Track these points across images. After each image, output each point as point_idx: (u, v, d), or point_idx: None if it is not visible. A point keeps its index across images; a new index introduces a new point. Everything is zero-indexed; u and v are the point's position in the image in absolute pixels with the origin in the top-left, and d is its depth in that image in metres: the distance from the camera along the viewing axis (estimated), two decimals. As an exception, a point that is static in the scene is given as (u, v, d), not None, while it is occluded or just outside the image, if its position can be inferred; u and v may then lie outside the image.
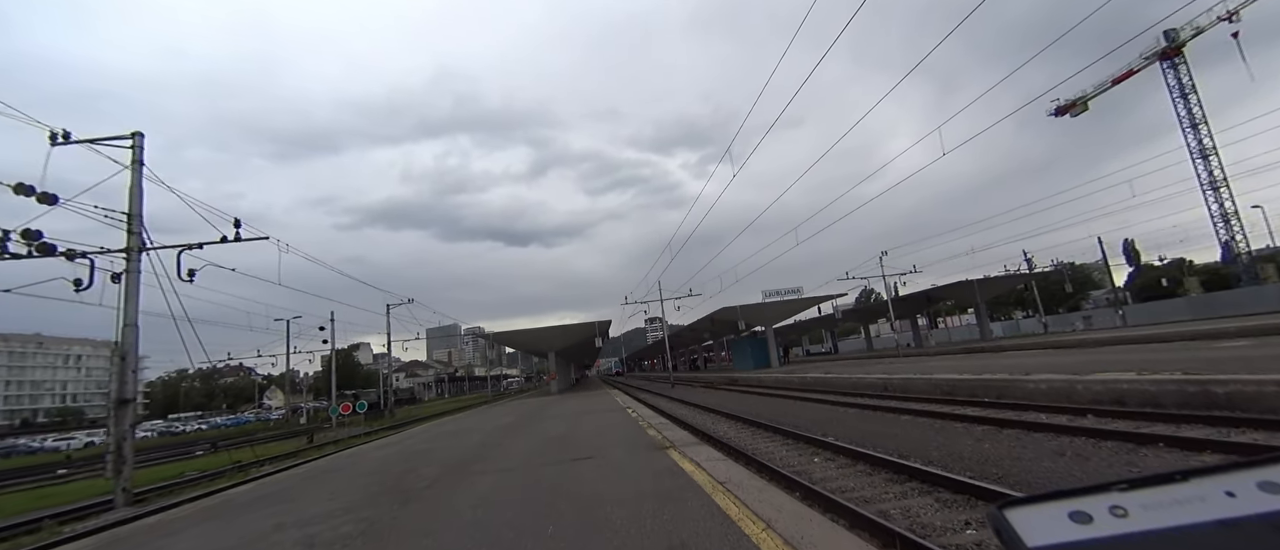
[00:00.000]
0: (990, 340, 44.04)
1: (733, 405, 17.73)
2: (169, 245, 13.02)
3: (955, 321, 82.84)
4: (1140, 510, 0.46)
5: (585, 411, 16.82)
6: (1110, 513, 0.47)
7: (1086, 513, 0.47)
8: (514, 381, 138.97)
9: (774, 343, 38.19)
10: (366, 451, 13.63)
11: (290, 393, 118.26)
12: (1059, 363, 15.79)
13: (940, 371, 16.88)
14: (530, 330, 34.37)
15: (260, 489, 9.54)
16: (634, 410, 15.34)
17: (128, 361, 12.27)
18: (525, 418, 17.29)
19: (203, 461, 21.07)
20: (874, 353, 50.85)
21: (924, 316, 54.42)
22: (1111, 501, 0.47)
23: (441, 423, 22.88)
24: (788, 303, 36.34)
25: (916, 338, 48.21)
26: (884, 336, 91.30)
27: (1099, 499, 0.48)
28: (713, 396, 23.85)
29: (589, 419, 13.92)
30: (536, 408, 21.98)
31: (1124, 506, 0.47)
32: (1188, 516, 0.44)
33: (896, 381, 16.71)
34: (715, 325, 41.23)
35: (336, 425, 35.94)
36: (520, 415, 18.62)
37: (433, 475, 7.92)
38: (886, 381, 17.19)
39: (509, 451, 9.62)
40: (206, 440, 45.44)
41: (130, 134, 13.02)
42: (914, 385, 15.88)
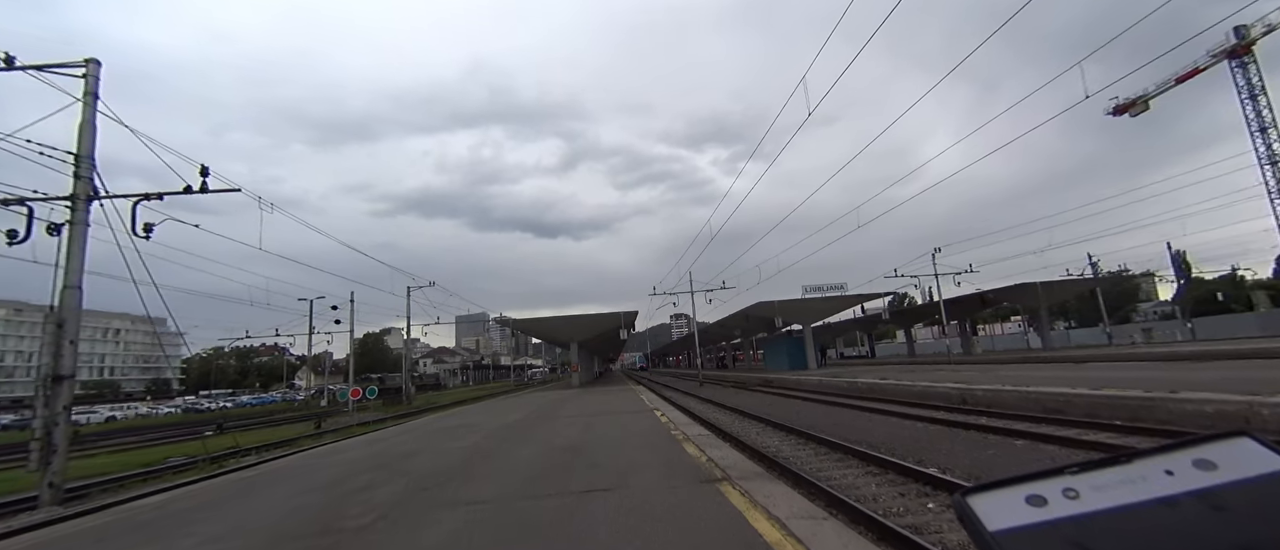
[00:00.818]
0: (1054, 349, 39.97)
1: (780, 412, 15.04)
2: (124, 195, 11.08)
3: (996, 329, 77.65)
4: (1090, 491, 0.49)
5: (606, 411, 14.43)
6: (1063, 495, 0.49)
7: (1042, 496, 0.49)
8: (538, 372, 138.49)
9: (812, 343, 35.15)
10: (348, 448, 11.50)
11: (320, 374, 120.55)
12: (1173, 378, 12.61)
13: (1018, 383, 13.85)
14: (553, 318, 32.23)
15: (193, 496, 7.44)
16: (662, 412, 12.86)
17: (65, 330, 10.34)
18: (538, 414, 14.99)
19: (195, 446, 19.53)
20: (917, 358, 47.16)
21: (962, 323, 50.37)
22: (1064, 484, 0.50)
23: (451, 413, 20.85)
24: (830, 300, 33.26)
25: (965, 343, 44.34)
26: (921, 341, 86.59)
27: (1053, 482, 0.50)
28: (750, 399, 21.16)
29: (610, 421, 11.51)
30: (553, 402, 19.72)
31: (1075, 488, 0.49)
32: (1132, 495, 0.47)
33: (979, 393, 13.75)
34: (748, 322, 38.40)
35: (355, 409, 34.63)
36: (533, 410, 16.35)
37: (385, 501, 5.57)
38: (964, 392, 14.23)
39: (502, 465, 7.21)
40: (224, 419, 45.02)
41: (83, 61, 11.09)
42: (1004, 399, 12.95)
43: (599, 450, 7.74)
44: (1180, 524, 0.45)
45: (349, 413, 33.11)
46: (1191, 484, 0.47)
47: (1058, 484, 0.50)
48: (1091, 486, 0.49)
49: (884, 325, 58.96)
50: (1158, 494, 0.47)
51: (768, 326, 42.34)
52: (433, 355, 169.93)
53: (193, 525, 5.36)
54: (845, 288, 32.77)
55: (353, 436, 16.83)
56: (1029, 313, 63.36)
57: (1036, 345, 56.86)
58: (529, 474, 6.42)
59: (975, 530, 0.48)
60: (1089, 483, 0.50)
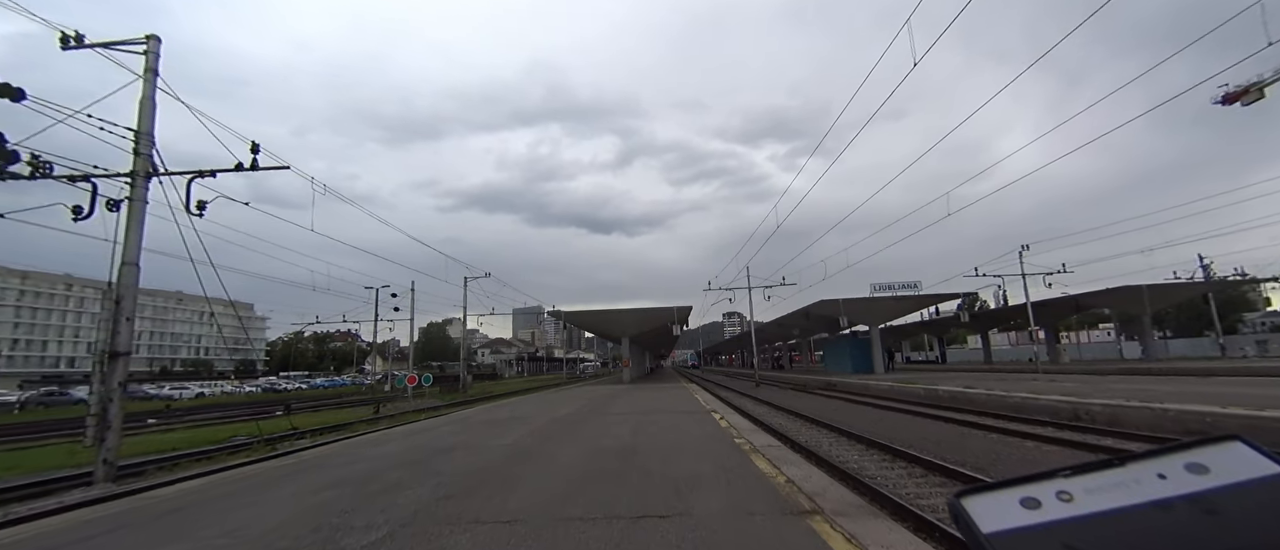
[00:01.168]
0: (1159, 359, 35.35)
1: (853, 421, 13.45)
2: (181, 172, 11.05)
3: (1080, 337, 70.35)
4: (1083, 494, 0.49)
5: (659, 409, 13.38)
6: (1057, 498, 0.49)
7: (1036, 499, 0.49)
8: (590, 366, 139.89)
9: (880, 345, 32.63)
10: (391, 439, 11.03)
11: (387, 360, 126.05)
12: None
13: (1142, 398, 11.57)
14: (605, 312, 31.52)
15: (225, 484, 7.02)
16: (721, 415, 11.65)
17: (123, 307, 10.35)
18: (587, 409, 14.16)
19: (260, 425, 20.15)
20: (996, 365, 43.16)
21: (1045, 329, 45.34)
22: (1058, 487, 0.50)
23: (502, 404, 20.48)
24: (901, 300, 30.63)
25: (1051, 351, 40.04)
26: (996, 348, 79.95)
27: (1047, 485, 0.51)
28: (815, 404, 19.48)
29: (664, 422, 10.44)
30: (604, 397, 18.90)
31: (1069, 491, 0.49)
32: (1125, 498, 0.48)
33: (1096, 409, 11.62)
34: (809, 320, 36.26)
35: (413, 396, 35.51)
36: (583, 405, 15.55)
37: (402, 511, 4.74)
38: (1077, 407, 12.09)
39: (543, 469, 6.29)
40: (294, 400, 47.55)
41: (144, 37, 11.13)
42: (1129, 417, 10.90)
43: (653, 456, 6.67)
44: (1173, 527, 0.45)
45: (408, 399, 33.95)
46: (1184, 487, 0.47)
47: (1052, 486, 0.50)
48: (1085, 489, 0.49)
49: (957, 328, 54.58)
50: (1151, 497, 0.47)
51: (830, 326, 39.96)
52: (490, 346, 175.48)
53: (198, 524, 4.74)
54: (919, 287, 30.11)
55: (406, 423, 16.68)
56: (1122, 319, 57.02)
57: (1132, 355, 50.98)
58: (571, 483, 5.44)
59: (969, 532, 0.48)
60: (1083, 485, 0.50)
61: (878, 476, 7.28)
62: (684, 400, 16.32)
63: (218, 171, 11.08)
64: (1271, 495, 0.45)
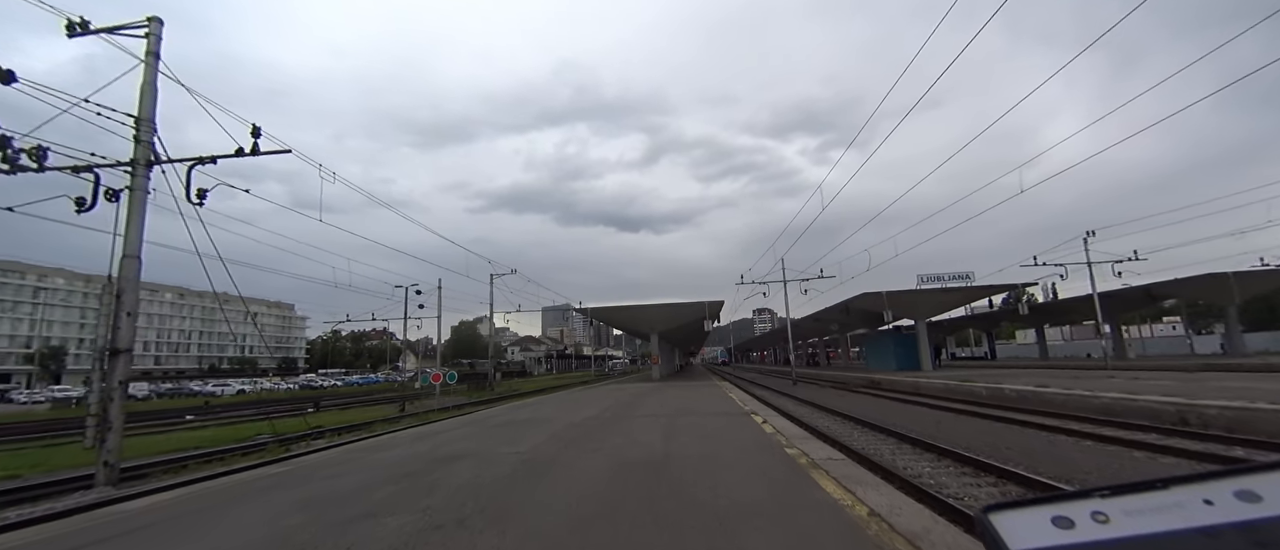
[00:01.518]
0: (1245, 354, 32.01)
1: (920, 426, 11.95)
2: (181, 159, 10.44)
3: (1143, 331, 65.47)
4: (1121, 516, 0.46)
5: (692, 410, 12.20)
6: (1092, 518, 0.47)
7: (1069, 518, 0.48)
8: (618, 363, 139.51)
9: (927, 340, 30.57)
10: (397, 442, 10.17)
11: (418, 357, 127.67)
12: None
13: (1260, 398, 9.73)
14: (633, 307, 30.40)
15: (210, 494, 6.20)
16: (762, 417, 10.38)
17: (123, 302, 9.76)
18: (613, 410, 13.08)
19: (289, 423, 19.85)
20: (1054, 362, 40.25)
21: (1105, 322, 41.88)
22: (1093, 507, 0.48)
23: (525, 404, 19.65)
24: (952, 292, 28.48)
25: (1118, 345, 36.99)
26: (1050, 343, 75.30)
27: (1081, 505, 0.48)
28: (863, 404, 17.92)
29: (699, 426, 9.26)
30: (632, 397, 17.82)
31: (1105, 512, 0.47)
32: (1167, 523, 0.45)
33: (1210, 412, 9.86)
34: (849, 315, 34.36)
35: (439, 393, 35.28)
36: (609, 405, 14.50)
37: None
38: (1182, 409, 10.33)
39: (555, 490, 5.20)
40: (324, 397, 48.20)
41: (146, 20, 10.54)
42: (1255, 422, 9.10)
43: (688, 471, 5.51)
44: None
45: (435, 396, 33.69)
46: (1233, 515, 0.44)
47: (1086, 506, 0.48)
48: (1123, 511, 0.47)
49: (1008, 323, 51.34)
50: (1196, 523, 0.44)
51: (871, 321, 37.88)
52: (520, 344, 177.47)
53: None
54: (970, 278, 27.94)
55: (427, 422, 15.99)
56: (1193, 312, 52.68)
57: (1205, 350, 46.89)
58: (586, 513, 4.32)
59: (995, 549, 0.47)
60: (1120, 507, 0.47)
61: (986, 500, 5.92)
62: (718, 400, 15.08)
63: (218, 157, 10.43)
64: None
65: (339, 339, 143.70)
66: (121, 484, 9.61)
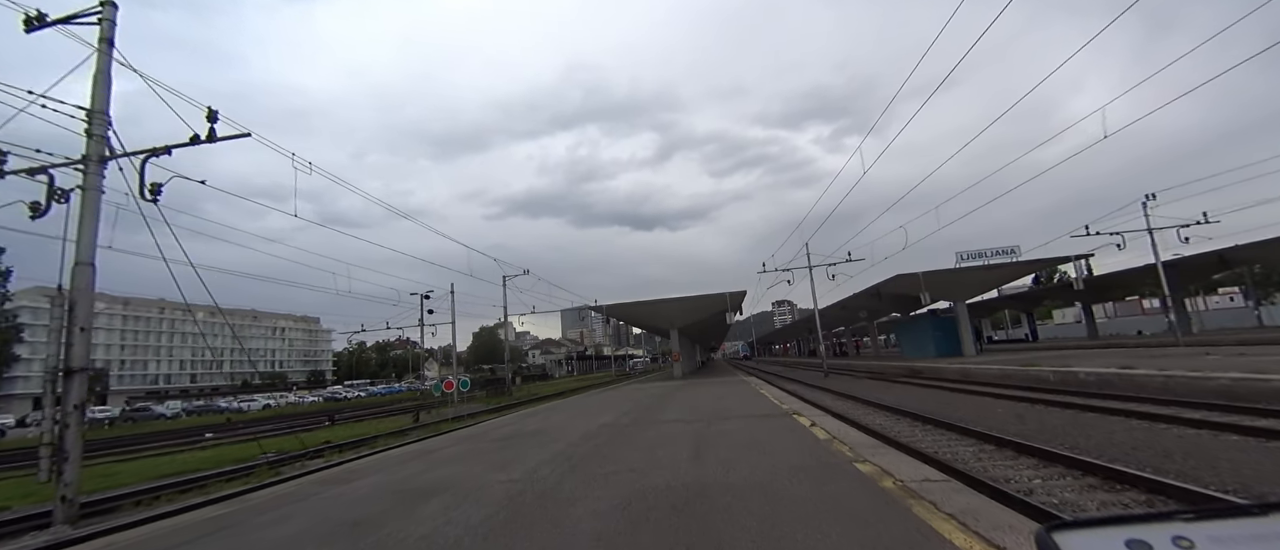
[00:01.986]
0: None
1: (995, 421, 10.25)
2: (136, 152, 9.30)
3: (1198, 304, 61.50)
4: (1208, 543, 0.42)
5: (723, 413, 10.70)
6: (1173, 544, 0.43)
7: (1146, 542, 0.43)
8: (638, 362, 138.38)
9: (968, 323, 28.47)
10: (380, 465, 8.89)
11: (439, 365, 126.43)
12: None
13: None
14: (652, 303, 28.90)
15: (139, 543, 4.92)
16: (810, 418, 8.83)
17: (77, 314, 8.62)
18: (633, 415, 11.66)
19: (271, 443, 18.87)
20: (1108, 340, 37.59)
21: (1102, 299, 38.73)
22: (1175, 532, 0.44)
23: (536, 411, 18.35)
24: (996, 269, 26.30)
25: (1182, 320, 34.17)
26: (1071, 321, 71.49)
27: (1160, 528, 0.44)
28: (914, 397, 16.15)
29: (736, 434, 7.77)
30: (654, 398, 16.39)
31: (1189, 538, 0.43)
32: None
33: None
34: (880, 300, 32.37)
35: (455, 401, 34.36)
36: (629, 408, 13.09)
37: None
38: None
39: (542, 543, 3.74)
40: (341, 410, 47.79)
41: (99, 4, 9.44)
42: None
43: (738, 512, 4.01)
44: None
45: (453, 403, 32.76)
46: None
47: (1166, 530, 0.44)
48: (1210, 538, 0.42)
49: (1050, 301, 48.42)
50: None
51: (904, 306, 35.80)
52: (540, 347, 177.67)
53: None
54: (1017, 253, 25.74)
55: (436, 433, 14.83)
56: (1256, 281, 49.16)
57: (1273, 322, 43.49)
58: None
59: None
60: (1207, 533, 0.43)
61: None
62: (751, 398, 13.54)
63: (173, 147, 9.25)
64: None
65: (364, 350, 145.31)
66: (82, 521, 8.50)
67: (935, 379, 21.01)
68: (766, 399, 13.17)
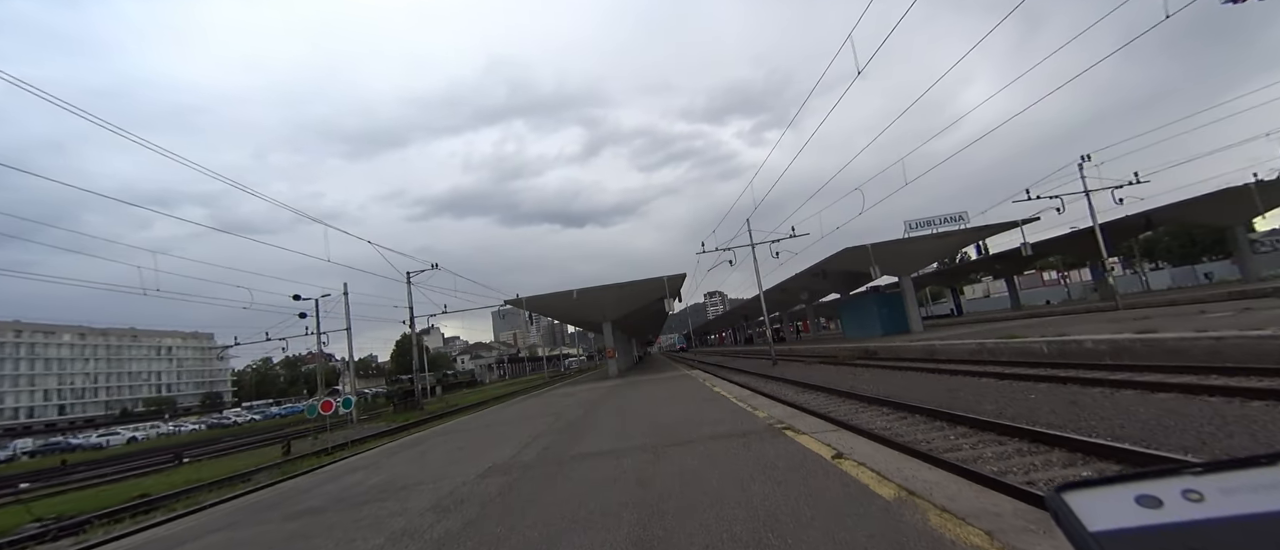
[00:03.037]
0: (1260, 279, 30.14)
1: (1020, 410, 7.50)
2: None
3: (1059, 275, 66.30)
4: (1218, 495, 0.42)
5: (678, 425, 7.35)
6: (1183, 497, 0.43)
7: (1156, 497, 0.44)
8: (574, 361, 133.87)
9: (913, 297, 27.09)
10: None
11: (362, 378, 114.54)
12: None
13: None
14: (576, 292, 25.06)
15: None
16: (800, 427, 5.62)
17: None
18: (545, 444, 8.01)
19: (41, 506, 13.63)
20: (1035, 310, 38.17)
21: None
22: (1185, 485, 0.44)
23: (423, 439, 14.31)
24: (946, 237, 24.85)
25: (1099, 284, 34.99)
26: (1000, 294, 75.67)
27: (1171, 483, 0.45)
28: (892, 382, 13.54)
29: (708, 473, 4.38)
30: (581, 409, 12.80)
31: (1198, 491, 0.43)
32: (1270, 503, 0.41)
33: None
34: (825, 279, 30.55)
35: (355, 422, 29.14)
36: (541, 433, 9.42)
37: None
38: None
39: None
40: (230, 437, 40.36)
41: None
42: None
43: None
44: None
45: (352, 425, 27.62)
46: None
47: (1176, 485, 0.44)
48: (1220, 489, 0.43)
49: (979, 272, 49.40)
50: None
51: (849, 283, 34.40)
52: (470, 351, 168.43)
53: None
54: (965, 220, 24.42)
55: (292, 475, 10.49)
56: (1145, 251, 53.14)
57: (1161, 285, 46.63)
58: None
59: (1073, 530, 0.43)
60: (1216, 485, 0.43)
61: None
62: (706, 401, 10.28)
63: None
64: None
65: (270, 367, 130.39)
66: None
67: (897, 359, 18.87)
68: (727, 400, 9.95)
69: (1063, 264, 56.79)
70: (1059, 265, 58.54)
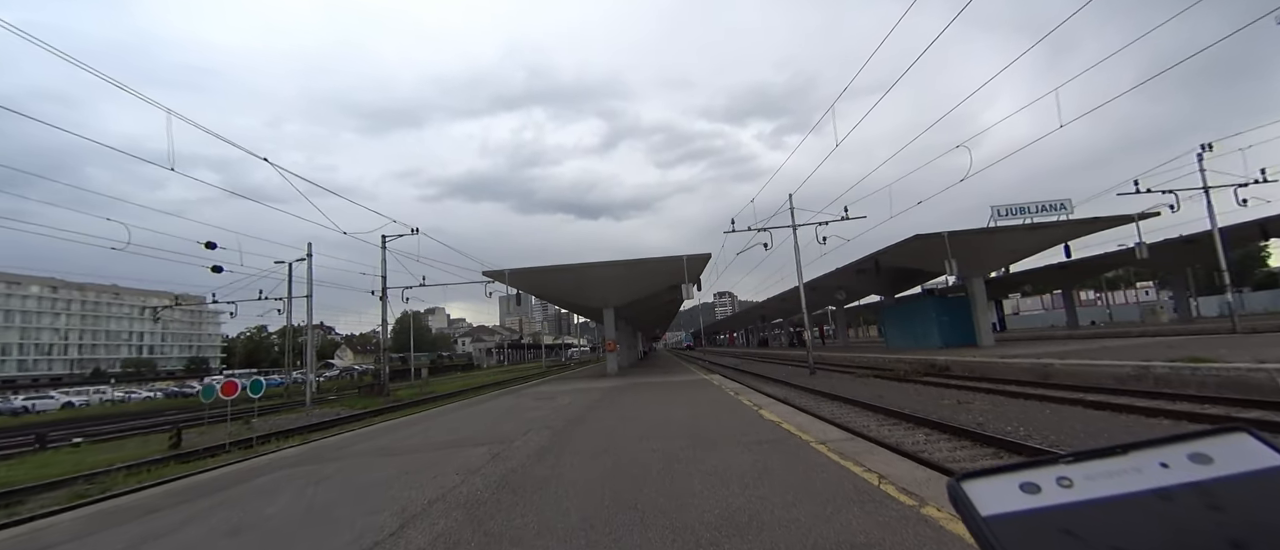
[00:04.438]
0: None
1: None
2: None
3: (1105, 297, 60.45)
4: (1084, 481, 0.48)
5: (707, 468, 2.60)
6: (1057, 483, 0.48)
7: (1036, 484, 0.49)
8: (576, 351, 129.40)
9: (985, 303, 22.09)
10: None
11: (360, 353, 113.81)
12: None
13: None
14: (573, 268, 20.09)
15: None
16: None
17: None
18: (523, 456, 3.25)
19: None
20: (1099, 330, 32.83)
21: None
22: (1058, 473, 0.49)
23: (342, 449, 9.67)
24: (1048, 229, 19.25)
25: (1179, 303, 29.65)
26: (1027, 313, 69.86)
27: (1047, 471, 0.50)
28: (1066, 420, 8.65)
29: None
30: (568, 415, 8.16)
31: (1069, 477, 0.49)
32: (1126, 486, 0.47)
33: None
34: (876, 275, 25.41)
35: (311, 406, 24.90)
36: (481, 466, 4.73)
37: None
38: None
39: None
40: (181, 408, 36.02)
41: None
42: None
43: None
44: (1173, 516, 0.44)
45: (305, 411, 23.40)
46: (1186, 477, 0.46)
47: (1052, 472, 0.49)
48: (1085, 476, 0.48)
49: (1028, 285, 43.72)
50: (1152, 485, 0.46)
51: (901, 282, 29.35)
52: (472, 334, 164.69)
53: None
54: (1068, 208, 19.21)
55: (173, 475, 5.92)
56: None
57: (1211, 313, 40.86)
58: None
59: (968, 515, 0.47)
60: (1083, 472, 0.49)
61: None
62: (738, 423, 5.62)
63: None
64: (1275, 488, 0.44)
65: (265, 335, 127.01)
66: None
67: (987, 380, 13.95)
68: (771, 423, 5.27)
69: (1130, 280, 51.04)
70: (1127, 281, 52.76)
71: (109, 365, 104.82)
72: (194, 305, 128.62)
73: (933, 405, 11.13)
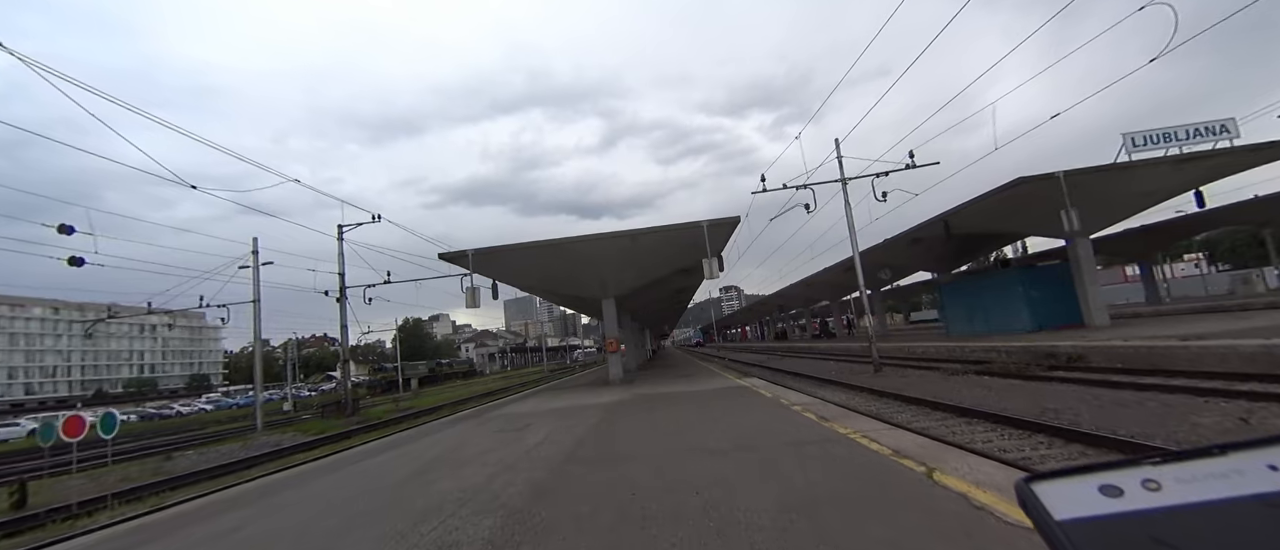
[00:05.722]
0: None
1: None
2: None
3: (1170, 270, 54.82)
4: (1174, 484, 0.44)
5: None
6: (1142, 486, 0.44)
7: (1117, 486, 0.45)
8: (582, 353, 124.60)
9: (1093, 270, 17.05)
10: None
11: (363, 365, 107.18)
12: None
13: None
14: (557, 243, 15.04)
15: None
16: None
17: None
18: None
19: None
20: (1193, 302, 27.56)
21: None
22: (1144, 475, 0.45)
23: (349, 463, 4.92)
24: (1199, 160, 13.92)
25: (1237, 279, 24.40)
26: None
27: (1131, 473, 0.46)
28: None
29: None
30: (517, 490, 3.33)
31: (1156, 480, 0.44)
32: (1225, 491, 0.42)
33: None
34: (947, 239, 19.98)
35: (263, 430, 20.52)
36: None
37: None
38: None
39: None
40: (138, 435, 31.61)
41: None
42: None
43: None
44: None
45: (255, 436, 19.05)
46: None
47: (1136, 475, 0.45)
48: (1176, 479, 0.44)
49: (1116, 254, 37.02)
50: (1256, 490, 0.41)
51: (958, 254, 24.27)
52: (476, 339, 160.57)
53: None
54: (1232, 132, 13.97)
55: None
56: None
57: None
58: None
59: (1040, 519, 0.44)
60: (1173, 474, 0.44)
61: None
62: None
63: None
64: None
65: (268, 348, 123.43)
66: None
67: (1161, 371, 9.03)
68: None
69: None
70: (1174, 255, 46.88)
71: (112, 386, 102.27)
72: (193, 321, 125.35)
73: (1182, 424, 6.22)
